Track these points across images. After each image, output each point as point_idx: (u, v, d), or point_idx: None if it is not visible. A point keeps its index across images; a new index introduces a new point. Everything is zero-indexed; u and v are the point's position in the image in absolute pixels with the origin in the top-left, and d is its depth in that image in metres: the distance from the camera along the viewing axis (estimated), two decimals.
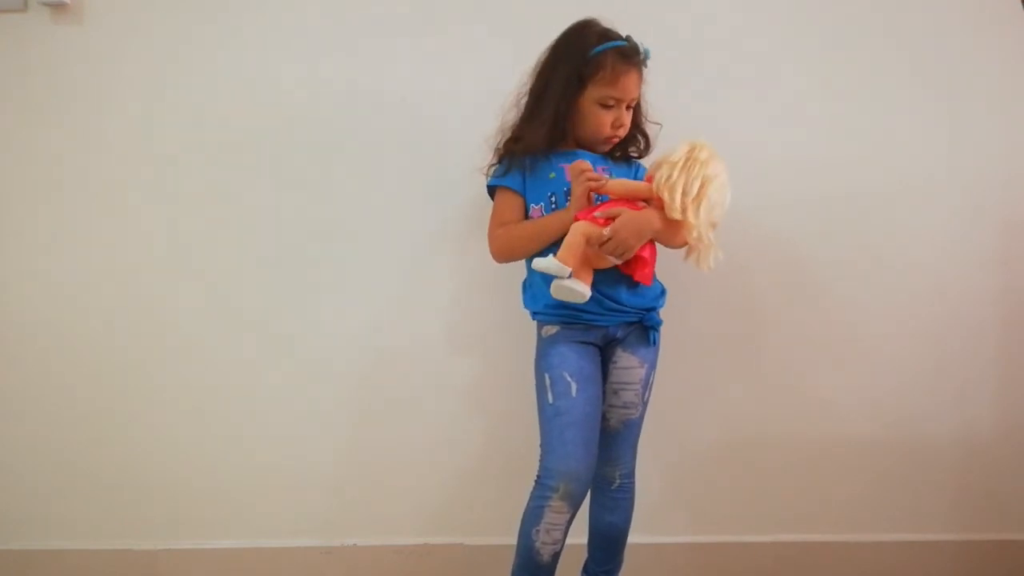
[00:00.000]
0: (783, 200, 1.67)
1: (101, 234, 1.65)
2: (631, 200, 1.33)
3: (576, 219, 1.29)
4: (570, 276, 1.25)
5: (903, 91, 1.67)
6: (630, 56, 1.34)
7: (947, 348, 1.70)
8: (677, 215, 1.27)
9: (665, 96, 1.48)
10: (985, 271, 1.69)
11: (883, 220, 1.68)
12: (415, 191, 1.65)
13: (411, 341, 1.68)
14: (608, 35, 1.36)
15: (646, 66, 1.38)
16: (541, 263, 1.26)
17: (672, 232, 1.32)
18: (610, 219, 1.28)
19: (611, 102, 1.35)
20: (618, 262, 1.31)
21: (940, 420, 1.71)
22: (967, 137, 1.68)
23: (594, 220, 1.28)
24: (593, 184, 1.30)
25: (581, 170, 1.30)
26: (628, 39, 1.36)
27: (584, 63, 1.34)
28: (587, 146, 1.42)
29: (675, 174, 1.27)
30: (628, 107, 1.39)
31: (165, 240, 1.66)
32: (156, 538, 1.69)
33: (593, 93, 1.35)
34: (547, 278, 1.33)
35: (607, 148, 1.43)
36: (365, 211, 1.66)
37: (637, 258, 1.31)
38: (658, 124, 1.48)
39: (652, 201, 1.32)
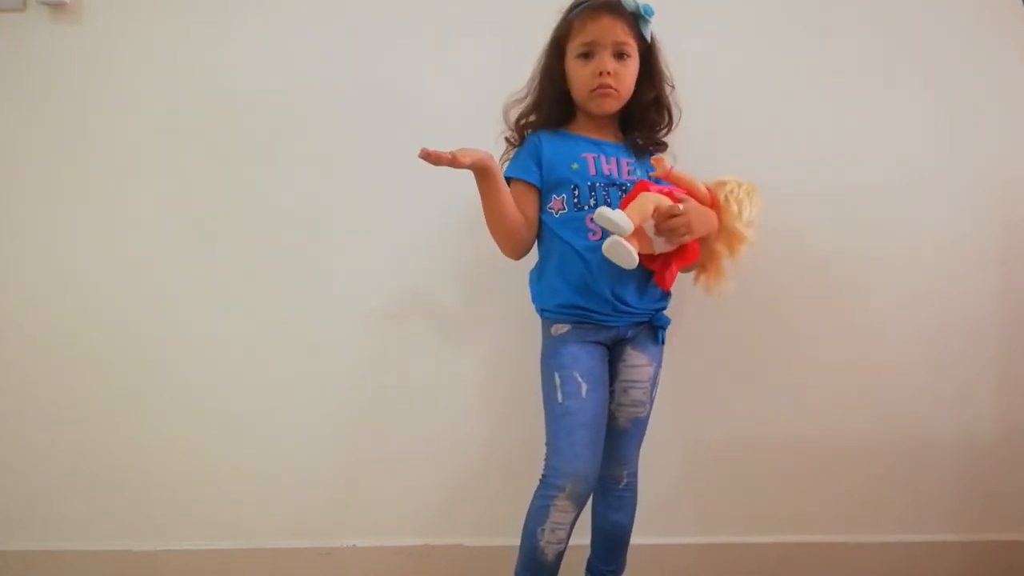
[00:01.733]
0: (783, 200, 1.65)
1: (100, 233, 1.65)
2: (691, 195, 1.32)
3: (644, 188, 1.28)
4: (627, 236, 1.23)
5: (903, 91, 1.67)
6: (598, 5, 1.35)
7: (948, 348, 1.70)
8: (741, 227, 1.31)
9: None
10: (986, 271, 1.69)
11: (883, 220, 1.68)
12: (419, 189, 1.65)
13: (411, 341, 1.67)
14: (584, 3, 1.38)
15: (640, 18, 1.36)
16: (608, 213, 1.20)
17: (711, 242, 1.35)
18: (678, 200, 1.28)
19: (585, 49, 1.35)
20: (658, 250, 1.29)
21: (941, 420, 1.71)
22: (967, 137, 1.68)
23: (666, 194, 1.27)
24: (661, 170, 1.30)
25: None
26: None
27: (562, 30, 1.38)
28: (593, 117, 1.40)
29: (742, 191, 1.32)
30: (617, 56, 1.34)
31: (164, 239, 1.65)
32: (156, 538, 1.68)
33: (571, 52, 1.37)
34: (563, 275, 1.34)
35: (607, 105, 1.36)
36: (366, 210, 1.66)
37: (686, 249, 1.30)
38: (672, 85, 1.45)
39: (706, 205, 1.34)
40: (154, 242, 1.65)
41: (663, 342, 1.41)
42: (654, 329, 1.40)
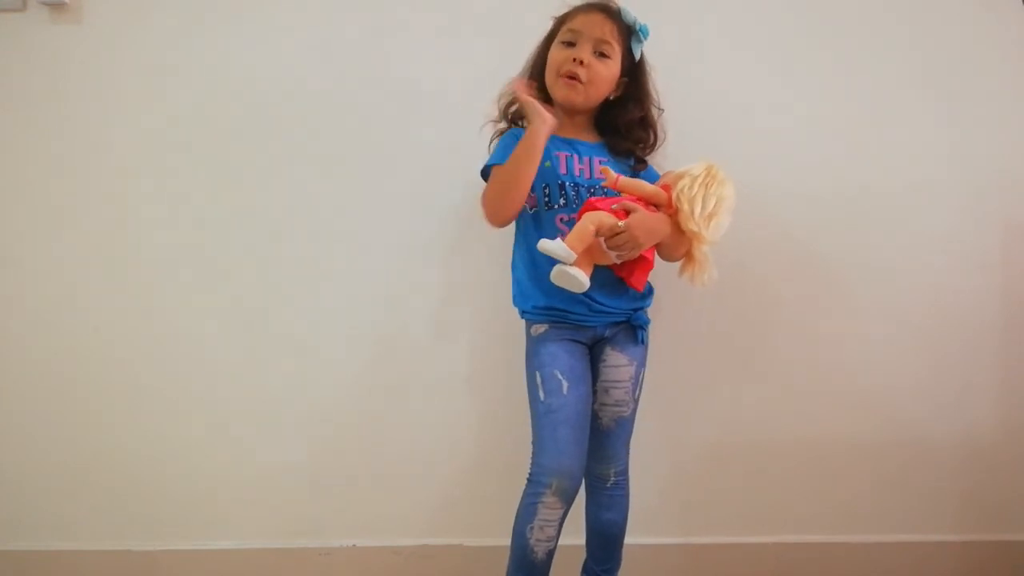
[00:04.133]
0: (783, 199, 1.67)
1: (100, 233, 1.65)
2: (644, 201, 1.32)
3: (590, 208, 1.28)
4: (573, 263, 1.24)
5: (903, 91, 1.67)
6: (595, 3, 1.38)
7: (948, 349, 1.70)
8: (694, 227, 1.29)
9: (667, 94, 1.48)
10: (986, 272, 1.69)
11: (883, 220, 1.68)
12: (414, 192, 1.65)
13: (410, 341, 1.67)
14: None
15: (634, 34, 1.39)
16: (548, 245, 1.22)
17: (676, 243, 1.35)
18: (625, 212, 1.28)
19: (570, 37, 1.36)
20: (617, 261, 1.30)
21: (941, 421, 1.71)
22: (968, 138, 1.68)
23: (611, 210, 1.27)
24: (609, 180, 1.31)
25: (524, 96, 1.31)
26: None
27: (555, 25, 1.41)
28: (569, 115, 1.41)
29: (696, 187, 1.30)
30: (597, 54, 1.35)
31: (163, 239, 1.65)
32: (156, 539, 1.69)
33: (557, 39, 1.38)
34: (534, 277, 1.35)
35: (569, 95, 1.36)
36: (363, 212, 1.66)
37: (640, 259, 1.31)
38: (661, 109, 1.47)
39: (662, 208, 1.33)
40: (153, 243, 1.65)
41: (644, 342, 1.42)
42: (634, 329, 1.40)
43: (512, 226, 1.43)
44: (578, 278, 1.24)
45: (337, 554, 1.69)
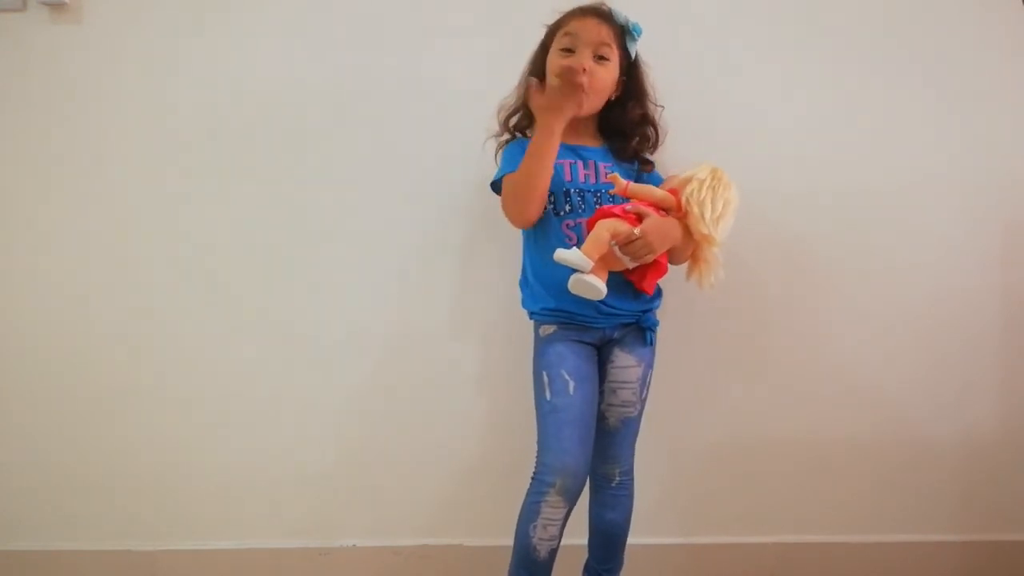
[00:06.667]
0: (783, 199, 1.66)
1: (100, 233, 1.65)
2: (654, 206, 1.33)
3: (603, 214, 1.29)
4: (589, 271, 1.25)
5: (904, 90, 1.67)
6: (587, 8, 1.39)
7: (948, 349, 1.70)
8: (704, 229, 1.31)
9: (667, 93, 1.49)
10: (986, 272, 1.69)
11: (884, 220, 1.68)
12: (416, 190, 1.65)
13: (411, 341, 1.67)
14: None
15: (628, 34, 1.39)
16: (564, 255, 1.24)
17: (685, 246, 1.36)
18: (638, 217, 1.28)
19: (568, 43, 1.37)
20: (631, 266, 1.31)
21: (941, 421, 1.71)
22: (968, 137, 1.68)
23: (624, 215, 1.28)
24: (618, 188, 1.32)
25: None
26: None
27: (550, 31, 1.41)
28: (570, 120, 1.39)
29: (704, 191, 1.32)
30: (596, 58, 1.36)
31: (164, 239, 1.65)
32: (155, 539, 1.69)
33: (554, 47, 1.39)
34: (543, 279, 1.36)
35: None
36: (365, 210, 1.65)
37: (654, 264, 1.32)
38: (660, 106, 1.48)
39: (671, 212, 1.34)
40: (154, 242, 1.65)
41: (652, 343, 1.42)
42: (642, 330, 1.41)
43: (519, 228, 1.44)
44: (596, 286, 1.25)
45: (337, 554, 1.69)
